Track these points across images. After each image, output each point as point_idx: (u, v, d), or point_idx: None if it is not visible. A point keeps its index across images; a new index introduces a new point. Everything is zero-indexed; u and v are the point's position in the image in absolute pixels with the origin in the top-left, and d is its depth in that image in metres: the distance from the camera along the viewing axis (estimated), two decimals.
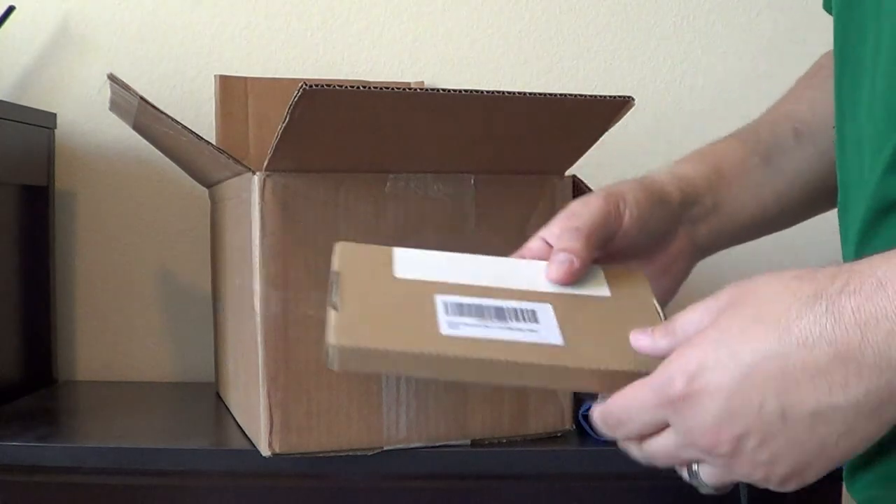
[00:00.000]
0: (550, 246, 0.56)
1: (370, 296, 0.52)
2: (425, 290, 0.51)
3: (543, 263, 0.55)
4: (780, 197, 0.67)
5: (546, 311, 0.51)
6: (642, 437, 0.47)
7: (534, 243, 0.58)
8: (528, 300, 0.52)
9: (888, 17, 0.50)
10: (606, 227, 0.58)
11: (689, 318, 0.47)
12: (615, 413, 0.47)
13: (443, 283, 0.52)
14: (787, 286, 0.43)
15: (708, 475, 0.47)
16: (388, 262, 0.53)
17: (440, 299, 0.50)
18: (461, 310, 0.50)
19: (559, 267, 0.54)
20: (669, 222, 0.62)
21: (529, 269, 0.55)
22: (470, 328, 0.48)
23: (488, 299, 0.51)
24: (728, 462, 0.45)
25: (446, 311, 0.49)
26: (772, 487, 0.46)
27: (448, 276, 0.53)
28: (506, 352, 0.47)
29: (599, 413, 0.48)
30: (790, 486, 0.45)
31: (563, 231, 0.56)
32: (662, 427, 0.46)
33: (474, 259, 0.56)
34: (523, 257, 0.58)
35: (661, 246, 0.62)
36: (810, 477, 0.44)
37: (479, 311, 0.50)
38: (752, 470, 0.44)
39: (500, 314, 0.50)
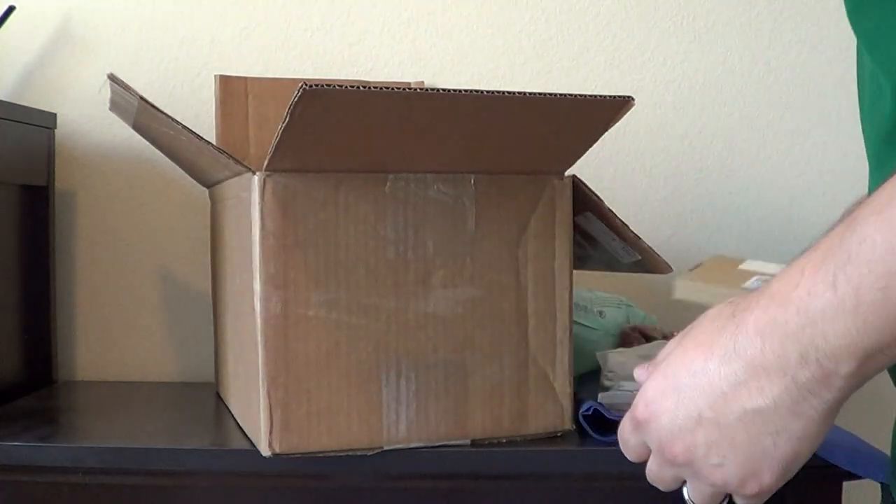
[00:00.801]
0: None
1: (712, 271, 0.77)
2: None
3: None
4: None
5: None
6: (642, 459, 0.56)
7: None
8: None
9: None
10: None
11: (663, 351, 0.55)
12: (619, 438, 0.57)
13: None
14: (718, 311, 0.51)
15: (693, 493, 0.54)
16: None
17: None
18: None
19: None
20: None
21: None
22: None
23: None
24: (691, 472, 0.52)
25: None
26: (741, 496, 0.52)
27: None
28: None
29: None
30: (751, 489, 0.51)
31: None
32: (649, 450, 0.55)
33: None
34: None
35: None
36: (767, 481, 0.51)
37: None
38: (710, 475, 0.51)
39: None
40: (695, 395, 0.50)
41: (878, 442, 0.78)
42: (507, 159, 0.78)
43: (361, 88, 0.66)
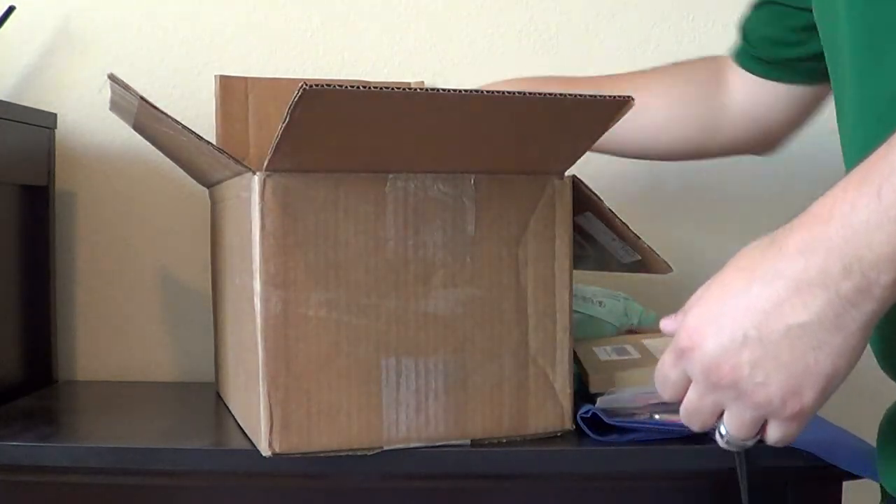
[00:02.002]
0: None
1: None
2: None
3: None
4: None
5: None
6: (680, 396, 0.57)
7: None
8: None
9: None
10: None
11: (693, 297, 0.57)
12: (656, 377, 0.59)
13: None
14: (754, 245, 0.54)
15: (729, 423, 0.55)
16: None
17: None
18: None
19: None
20: None
21: None
22: None
23: None
24: (735, 394, 0.53)
25: None
26: (780, 419, 0.54)
27: None
28: None
29: (654, 376, 0.59)
30: (792, 408, 0.53)
31: None
32: (688, 382, 0.56)
33: None
34: None
35: None
36: (809, 398, 0.52)
37: None
38: (753, 394, 0.53)
39: None
40: (738, 316, 0.52)
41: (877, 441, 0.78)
42: (507, 159, 0.78)
43: (361, 88, 0.66)
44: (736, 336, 0.52)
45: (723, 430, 0.57)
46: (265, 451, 0.73)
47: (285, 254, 0.73)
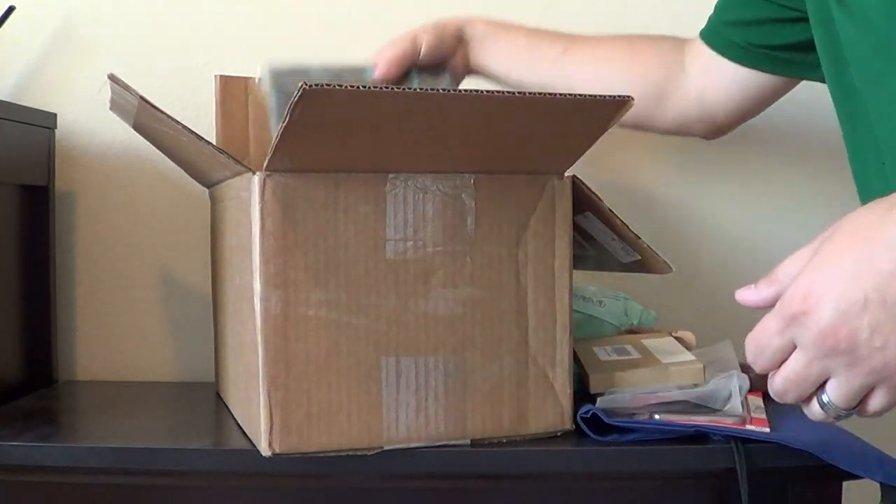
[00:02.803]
0: None
1: None
2: None
3: None
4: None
5: None
6: (777, 365, 0.56)
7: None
8: None
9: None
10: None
11: (790, 264, 0.55)
12: (752, 343, 0.57)
13: None
14: (867, 209, 0.53)
15: (835, 391, 0.54)
16: None
17: None
18: None
19: None
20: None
21: None
22: None
23: None
24: (849, 360, 0.52)
25: None
26: (890, 385, 0.52)
27: None
28: None
29: (747, 345, 0.57)
30: None
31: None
32: (790, 352, 0.54)
33: None
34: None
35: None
36: None
37: None
38: (871, 358, 0.51)
39: None
40: (859, 279, 0.51)
41: (878, 442, 0.78)
42: (507, 159, 0.78)
43: (361, 88, 0.66)
44: (857, 299, 0.51)
45: (825, 399, 0.55)
46: (265, 451, 0.73)
47: (285, 254, 0.73)
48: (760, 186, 1.19)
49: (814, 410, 0.57)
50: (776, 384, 0.57)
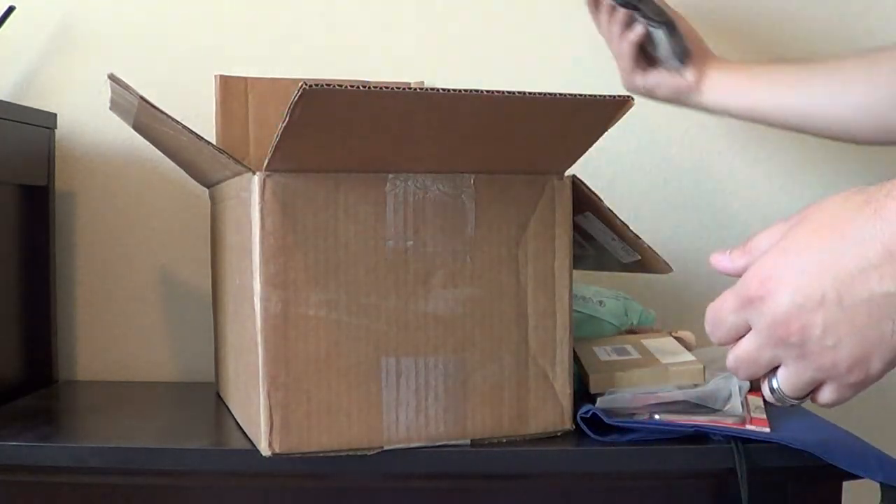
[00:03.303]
0: None
1: None
2: None
3: None
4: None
5: None
6: (732, 340, 0.55)
7: None
8: None
9: None
10: None
11: (763, 237, 0.55)
12: (710, 314, 0.55)
13: None
14: (843, 199, 0.51)
15: (784, 380, 0.53)
16: None
17: None
18: None
19: None
20: None
21: None
22: None
23: None
24: (799, 353, 0.51)
25: None
26: (839, 384, 0.52)
27: None
28: None
29: (706, 315, 0.56)
30: (856, 377, 0.51)
31: None
32: (746, 330, 0.54)
33: None
34: None
35: None
36: (875, 368, 0.50)
37: None
38: (820, 357, 0.51)
39: None
40: (821, 274, 0.49)
41: (878, 442, 0.78)
42: (507, 159, 0.78)
43: (361, 88, 0.66)
44: (814, 294, 0.50)
45: (774, 385, 0.55)
46: (265, 451, 0.73)
47: (285, 254, 0.73)
48: (762, 185, 1.19)
49: (765, 393, 0.56)
50: (729, 360, 0.56)
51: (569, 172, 0.81)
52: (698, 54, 1.01)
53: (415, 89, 1.06)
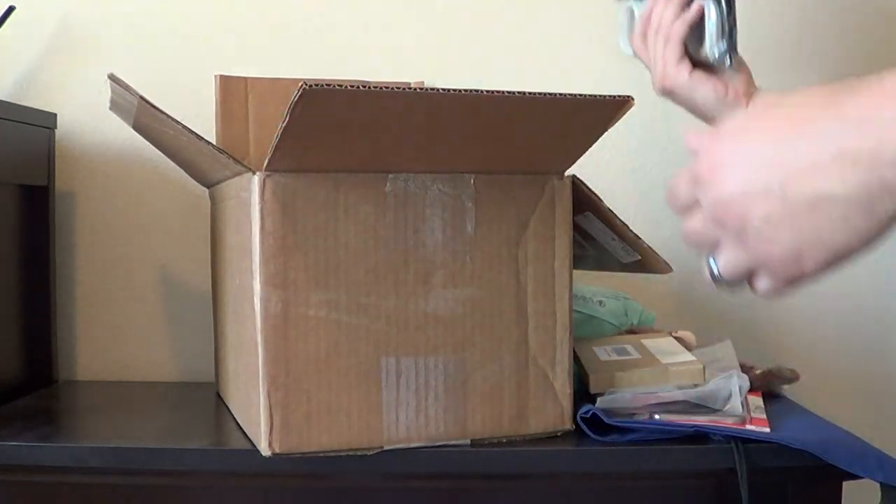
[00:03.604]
0: None
1: None
2: None
3: None
4: None
5: None
6: (685, 213, 0.55)
7: None
8: None
9: None
10: None
11: (728, 121, 0.54)
12: (669, 188, 0.55)
13: None
14: (803, 95, 0.50)
15: (722, 263, 0.53)
16: None
17: None
18: None
19: None
20: None
21: None
22: None
23: None
24: (737, 239, 0.51)
25: None
26: (773, 277, 0.51)
27: None
28: None
29: (668, 185, 0.56)
30: (790, 272, 0.50)
31: None
32: (696, 206, 0.54)
33: None
34: None
35: None
36: (808, 267, 0.50)
37: None
38: (756, 248, 0.50)
39: None
40: (769, 166, 0.49)
41: (878, 442, 0.78)
42: (507, 159, 0.78)
43: (361, 88, 0.66)
44: (758, 185, 0.49)
45: (712, 263, 0.54)
46: (265, 451, 0.73)
47: (285, 254, 0.73)
48: None
49: (707, 271, 0.55)
50: (683, 230, 0.56)
51: (569, 172, 0.81)
52: (746, 77, 0.97)
53: (415, 89, 1.06)
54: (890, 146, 0.45)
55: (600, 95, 0.71)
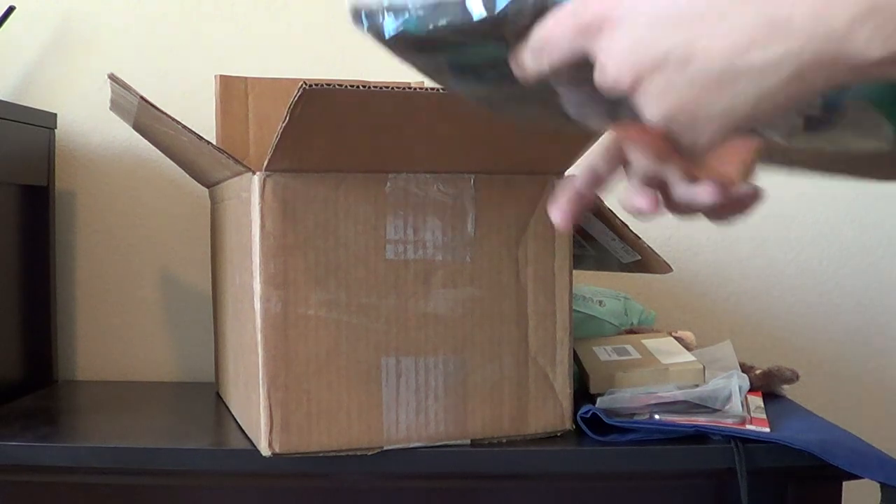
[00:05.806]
0: None
1: None
2: None
3: None
4: None
5: None
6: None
7: None
8: None
9: None
10: None
11: None
12: (538, 34, 0.45)
13: None
14: None
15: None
16: None
17: None
18: None
19: None
20: None
21: None
22: None
23: None
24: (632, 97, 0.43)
25: None
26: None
27: None
28: None
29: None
30: (685, 132, 0.44)
31: None
32: (580, 61, 0.44)
33: None
34: None
35: None
36: (707, 132, 0.43)
37: None
38: (654, 108, 0.43)
39: None
40: (675, 19, 0.40)
41: (878, 442, 0.78)
42: (507, 159, 0.78)
43: (361, 88, 0.66)
44: (659, 45, 0.41)
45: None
46: (265, 451, 0.73)
47: (285, 254, 0.73)
48: (761, 184, 1.19)
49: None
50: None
51: (569, 172, 0.81)
52: None
53: (415, 89, 1.06)
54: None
55: None
